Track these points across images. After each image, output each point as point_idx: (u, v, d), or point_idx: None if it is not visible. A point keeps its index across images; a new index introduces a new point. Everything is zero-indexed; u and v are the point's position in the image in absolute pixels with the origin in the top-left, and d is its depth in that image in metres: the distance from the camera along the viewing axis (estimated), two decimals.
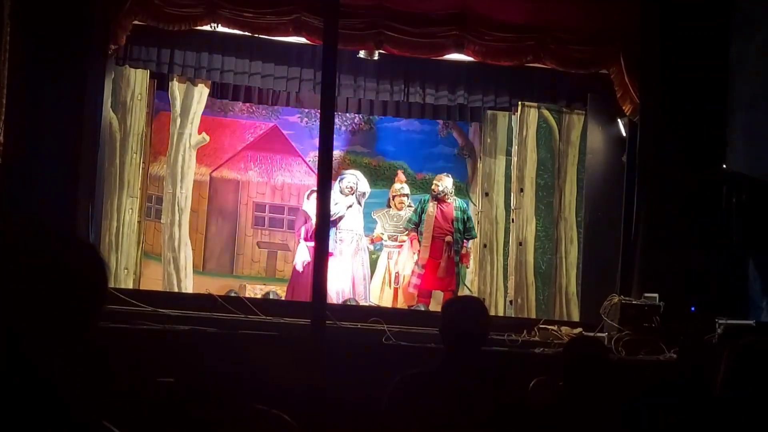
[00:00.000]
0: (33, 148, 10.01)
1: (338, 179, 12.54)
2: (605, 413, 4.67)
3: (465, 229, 12.78)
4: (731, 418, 3.58)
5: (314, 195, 12.60)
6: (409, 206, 13.33)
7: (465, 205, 13.07)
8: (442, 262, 12.70)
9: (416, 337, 9.06)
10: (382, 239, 13.31)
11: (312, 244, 12.32)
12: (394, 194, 13.45)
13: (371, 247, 13.40)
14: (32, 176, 9.94)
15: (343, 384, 6.81)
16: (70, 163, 10.17)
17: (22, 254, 1.57)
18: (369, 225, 13.31)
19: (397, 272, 13.05)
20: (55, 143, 10.09)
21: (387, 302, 12.85)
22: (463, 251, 12.84)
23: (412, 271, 12.85)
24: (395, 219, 13.23)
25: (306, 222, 12.54)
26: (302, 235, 12.52)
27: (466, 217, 12.79)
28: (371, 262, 13.56)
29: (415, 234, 12.91)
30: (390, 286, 13.01)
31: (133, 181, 12.50)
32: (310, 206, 12.46)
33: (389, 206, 13.51)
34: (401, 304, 12.81)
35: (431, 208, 12.83)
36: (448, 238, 12.71)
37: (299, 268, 12.46)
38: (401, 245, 13.18)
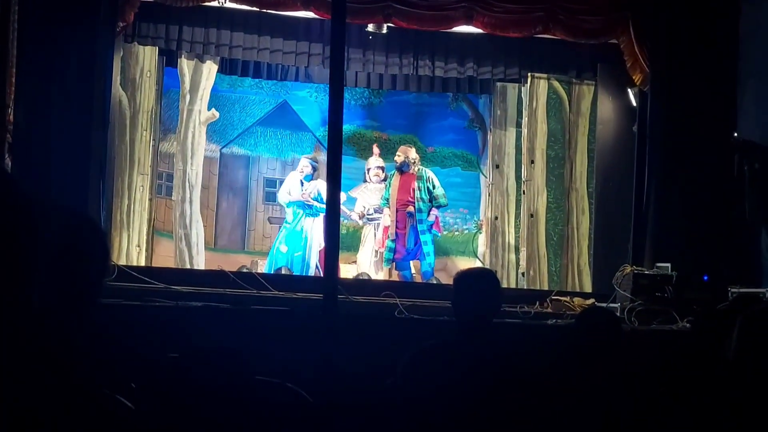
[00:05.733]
0: (43, 127, 10.02)
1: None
2: (618, 383, 4.67)
3: (430, 198, 12.69)
4: (744, 384, 3.58)
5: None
6: (384, 180, 13.28)
7: (429, 174, 12.93)
8: (407, 232, 12.69)
9: (429, 311, 9.07)
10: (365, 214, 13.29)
11: None
12: (368, 167, 13.44)
13: (360, 222, 13.43)
14: (43, 155, 9.95)
15: (356, 358, 6.82)
16: (81, 142, 10.18)
17: (18, 228, 1.56)
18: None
19: (379, 247, 13.04)
20: (65, 122, 10.10)
21: (375, 276, 12.83)
22: (431, 218, 12.75)
23: (385, 245, 12.83)
24: (376, 192, 13.19)
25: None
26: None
27: (431, 186, 12.70)
28: (357, 236, 13.63)
29: (388, 208, 12.92)
30: (380, 261, 12.99)
31: (143, 159, 12.50)
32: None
33: (365, 181, 13.49)
34: (384, 277, 12.79)
35: (394, 180, 12.83)
36: (410, 209, 12.67)
37: None
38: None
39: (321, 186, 12.72)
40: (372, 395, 4.98)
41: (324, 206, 12.50)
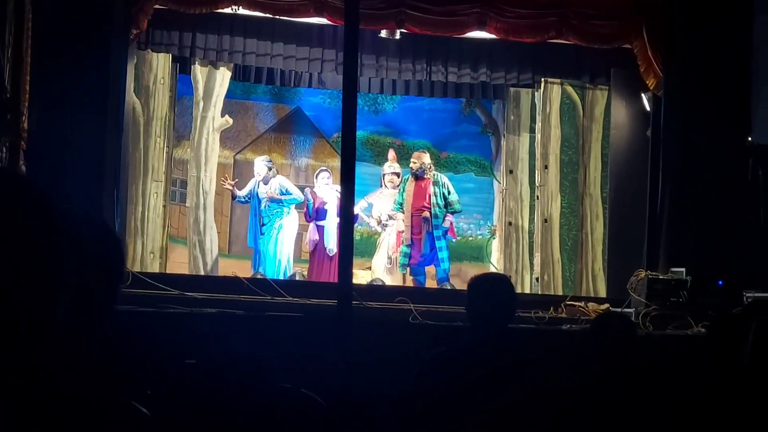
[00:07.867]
0: (57, 135, 10.05)
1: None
2: (633, 388, 4.67)
3: (446, 204, 12.64)
4: (759, 388, 3.57)
5: (321, 174, 13.08)
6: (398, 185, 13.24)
7: (444, 179, 12.87)
8: (422, 237, 12.64)
9: (443, 316, 9.07)
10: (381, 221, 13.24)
11: (319, 222, 12.88)
12: (384, 173, 13.41)
13: (378, 228, 13.37)
14: (57, 162, 9.98)
15: (370, 364, 6.83)
16: (95, 149, 10.21)
17: (45, 236, 1.57)
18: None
19: (393, 252, 13.00)
20: (79, 129, 10.13)
21: (389, 282, 12.79)
22: (446, 224, 12.69)
23: (399, 250, 12.78)
24: (390, 198, 13.13)
25: (311, 200, 12.81)
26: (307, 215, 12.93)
27: (446, 192, 12.64)
28: (372, 242, 13.61)
29: (402, 213, 12.86)
30: (394, 267, 12.96)
31: (157, 166, 12.54)
32: (317, 186, 13.00)
33: (381, 186, 13.45)
34: (398, 282, 12.75)
35: (409, 186, 12.76)
36: (425, 214, 12.61)
37: (309, 247, 13.02)
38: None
39: (281, 181, 12.93)
40: (386, 401, 4.99)
41: (290, 197, 12.63)
